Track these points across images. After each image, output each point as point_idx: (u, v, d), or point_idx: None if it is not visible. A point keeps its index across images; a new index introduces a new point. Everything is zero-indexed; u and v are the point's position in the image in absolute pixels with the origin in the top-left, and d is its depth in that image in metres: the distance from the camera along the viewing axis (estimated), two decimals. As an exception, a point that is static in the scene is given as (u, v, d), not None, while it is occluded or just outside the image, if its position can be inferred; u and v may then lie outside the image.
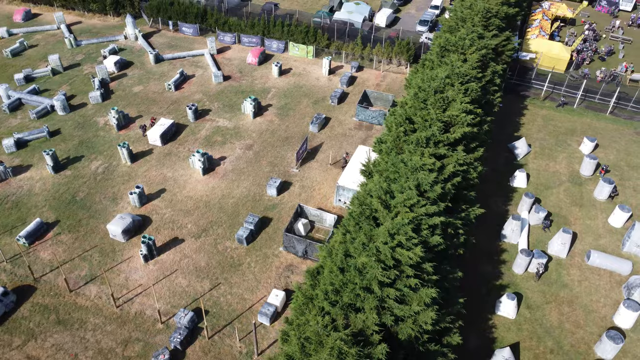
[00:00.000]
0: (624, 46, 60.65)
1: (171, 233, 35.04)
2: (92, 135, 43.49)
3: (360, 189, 28.49)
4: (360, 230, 23.17)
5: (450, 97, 30.66)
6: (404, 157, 26.86)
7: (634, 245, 33.74)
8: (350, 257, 22.12)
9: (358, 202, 25.48)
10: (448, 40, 38.54)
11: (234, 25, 57.19)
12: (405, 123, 30.69)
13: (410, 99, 32.70)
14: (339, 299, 20.66)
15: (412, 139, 28.32)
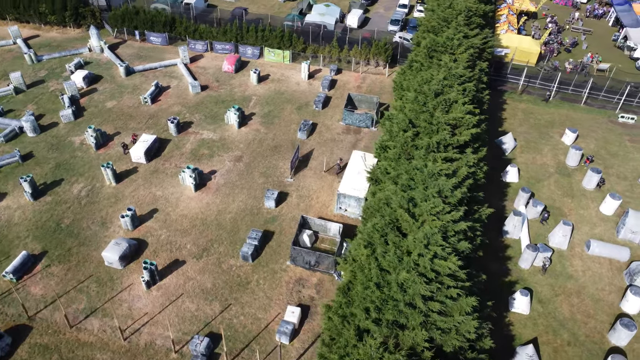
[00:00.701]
0: (586, 37, 63.01)
1: (170, 255, 33.48)
2: (69, 157, 41.03)
3: (370, 197, 28.09)
4: (390, 243, 22.71)
5: (452, 99, 30.66)
6: (417, 164, 26.60)
7: (629, 232, 34.93)
8: (385, 271, 21.62)
9: (378, 213, 25.03)
10: (435, 41, 38.66)
11: (205, 33, 55.46)
12: (409, 128, 30.47)
13: (410, 103, 32.53)
14: (381, 317, 20.12)
15: (422, 143, 28.11)
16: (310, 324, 29.60)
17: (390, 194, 25.30)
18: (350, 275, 23.55)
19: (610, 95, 50.63)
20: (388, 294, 20.29)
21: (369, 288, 21.19)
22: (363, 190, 35.33)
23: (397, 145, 29.68)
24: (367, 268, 22.16)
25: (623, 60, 59.01)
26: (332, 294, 31.22)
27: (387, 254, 21.61)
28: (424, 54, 38.70)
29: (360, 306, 20.92)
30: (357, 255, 24.46)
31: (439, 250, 20.59)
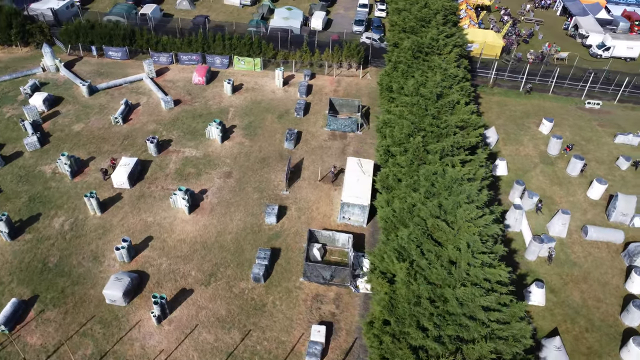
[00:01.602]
0: (539, 27, 65.62)
1: (176, 285, 31.63)
2: (42, 188, 37.91)
3: (383, 205, 27.65)
4: (426, 253, 22.35)
5: (454, 100, 30.75)
6: (434, 169, 26.40)
7: (619, 214, 36.53)
8: (433, 285, 21.24)
9: (410, 222, 24.62)
10: (419, 42, 38.72)
11: (168, 44, 52.99)
12: (415, 132, 30.27)
13: (409, 106, 32.35)
14: (441, 333, 19.72)
15: (435, 147, 27.95)
16: (337, 341, 28.83)
17: (416, 202, 24.94)
18: (386, 290, 22.98)
19: (574, 83, 52.91)
20: (443, 308, 19.93)
21: (419, 304, 20.73)
22: (366, 197, 34.86)
23: (408, 150, 29.36)
24: (413, 283, 21.68)
25: (577, 48, 61.91)
26: (353, 307, 30.61)
27: (432, 266, 21.22)
28: (409, 55, 38.66)
29: (412, 324, 20.43)
30: (390, 269, 23.94)
31: (485, 258, 20.45)
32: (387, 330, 21.98)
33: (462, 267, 20.40)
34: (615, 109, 50.78)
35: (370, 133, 45.00)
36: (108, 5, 65.25)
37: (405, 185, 27.80)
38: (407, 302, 21.44)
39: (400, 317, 21.85)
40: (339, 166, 40.33)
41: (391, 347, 21.00)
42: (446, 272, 20.70)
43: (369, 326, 22.69)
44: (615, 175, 42.02)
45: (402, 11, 47.67)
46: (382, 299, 23.35)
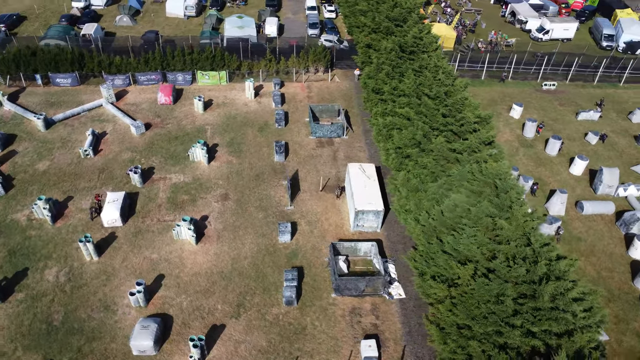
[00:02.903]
0: (480, 16, 68.67)
1: (204, 322, 29.59)
2: (21, 239, 33.95)
3: (412, 208, 27.56)
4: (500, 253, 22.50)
5: (462, 97, 31.25)
6: (471, 168, 26.66)
7: (606, 187, 39.06)
8: (511, 282, 21.37)
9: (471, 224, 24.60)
10: (400, 42, 38.95)
11: (123, 65, 49.42)
12: (430, 133, 30.41)
13: (416, 106, 32.45)
14: (535, 329, 19.89)
15: (462, 147, 28.20)
16: (388, 352, 28.37)
17: (459, 203, 25.03)
18: (455, 294, 22.89)
19: (528, 67, 55.90)
20: (530, 305, 20.13)
21: (502, 303, 20.79)
22: (379, 202, 34.59)
23: (432, 150, 29.37)
24: (489, 283, 21.69)
25: (517, 33, 65.49)
26: (392, 315, 30.27)
27: (515, 267, 21.22)
28: (393, 55, 38.78)
29: (499, 323, 20.47)
30: (446, 272, 23.87)
31: (557, 251, 20.94)
32: (465, 333, 21.88)
33: (542, 262, 20.75)
34: (569, 87, 54.28)
35: (355, 136, 44.76)
36: (38, 28, 59.72)
37: (438, 186, 27.80)
38: (484, 302, 21.45)
39: (478, 317, 21.80)
40: (334, 173, 39.73)
41: (477, 349, 20.92)
42: (524, 270, 20.94)
43: (440, 331, 22.44)
44: (588, 150, 44.91)
45: (367, 12, 47.75)
46: (448, 303, 23.21)
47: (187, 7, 63.19)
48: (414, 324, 29.94)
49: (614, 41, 62.63)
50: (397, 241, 35.19)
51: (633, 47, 61.28)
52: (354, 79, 52.95)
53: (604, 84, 55.24)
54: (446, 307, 23.05)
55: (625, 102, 52.69)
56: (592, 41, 65.38)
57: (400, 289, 31.58)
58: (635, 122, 48.82)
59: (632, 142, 46.30)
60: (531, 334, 19.77)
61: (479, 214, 23.97)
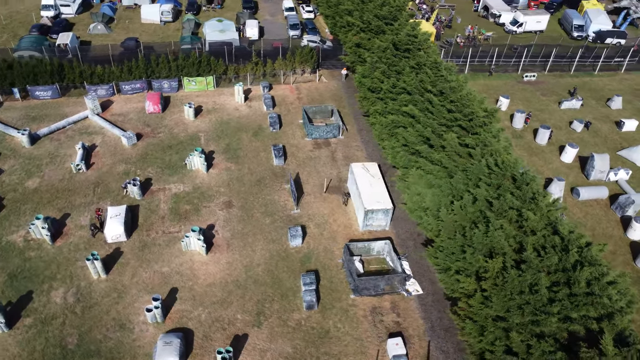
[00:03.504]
0: (455, 12, 69.96)
1: (226, 334, 29.04)
2: (20, 262, 32.45)
3: (430, 206, 27.85)
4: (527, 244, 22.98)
5: (467, 92, 31.75)
6: (487, 161, 27.12)
7: (598, 172, 40.49)
8: (544, 272, 21.86)
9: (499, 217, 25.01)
10: (395, 40, 39.25)
11: (106, 74, 47.87)
12: (440, 129, 30.78)
13: (421, 103, 32.78)
14: (575, 315, 20.42)
15: (475, 141, 28.63)
16: (414, 349, 28.57)
17: (482, 196, 25.44)
18: (487, 287, 23.24)
19: (507, 60, 57.32)
20: (569, 292, 20.65)
21: (537, 292, 21.24)
22: (387, 201, 34.79)
23: (445, 146, 29.67)
24: (522, 274, 22.07)
25: (491, 27, 67.08)
26: (412, 311, 30.50)
27: (547, 257, 21.69)
28: (388, 54, 39.04)
29: (536, 312, 20.92)
30: (470, 267, 24.24)
31: (583, 240, 21.58)
32: (501, 325, 22.27)
33: (573, 250, 21.33)
34: (548, 78, 55.98)
35: (351, 136, 44.85)
36: (8, 40, 57.15)
37: (455, 181, 28.11)
38: (518, 293, 21.88)
39: (512, 308, 22.18)
40: (335, 174, 39.71)
41: (517, 339, 21.30)
42: (556, 258, 21.46)
43: (475, 324, 22.76)
44: (574, 137, 46.45)
45: (353, 11, 47.84)
46: (479, 296, 23.56)
47: (163, 12, 61.79)
48: (435, 319, 30.27)
49: (584, 31, 64.96)
50: (407, 238, 35.49)
51: (602, 37, 63.72)
52: (341, 79, 53.03)
53: (580, 73, 57.26)
54: (478, 300, 23.39)
55: (601, 89, 54.75)
56: (563, 32, 67.60)
57: (417, 285, 31.86)
58: (615, 109, 50.81)
59: (614, 127, 48.17)
60: (570, 320, 20.32)
61: (503, 207, 24.43)
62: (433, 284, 32.31)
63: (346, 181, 39.72)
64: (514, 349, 21.25)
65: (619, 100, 50.72)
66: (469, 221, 26.67)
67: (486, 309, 22.80)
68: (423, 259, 33.96)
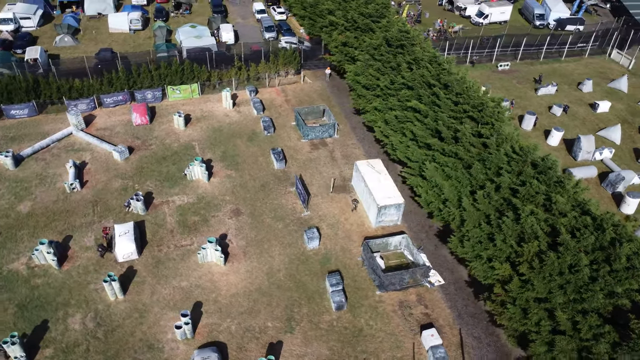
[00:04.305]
0: (421, 6, 71.50)
1: (260, 343, 28.63)
2: (27, 291, 30.73)
3: (450, 197, 28.51)
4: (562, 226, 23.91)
5: (472, 83, 32.63)
6: (507, 149, 27.97)
7: (585, 153, 42.55)
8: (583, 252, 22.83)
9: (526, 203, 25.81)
10: (387, 37, 39.76)
11: (85, 88, 45.88)
12: (451, 122, 31.50)
13: (426, 97, 33.40)
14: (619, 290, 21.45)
15: (490, 131, 29.43)
16: (447, 338, 29.14)
17: (505, 184, 26.27)
18: (526, 271, 24.03)
19: (480, 51, 59.18)
20: (610, 269, 21.68)
21: (578, 272, 22.17)
22: (398, 195, 35.28)
23: (460, 137, 30.32)
24: (560, 255, 22.93)
25: (458, 20, 69.02)
26: (439, 301, 31.11)
27: (584, 237, 22.61)
28: (383, 50, 39.51)
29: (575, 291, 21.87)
30: (508, 252, 25.02)
31: (615, 218, 22.72)
32: (543, 306, 23.11)
33: (609, 228, 22.41)
34: (520, 66, 58.24)
35: (345, 134, 45.07)
36: (-33, 57, 53.66)
37: (475, 171, 28.76)
38: (557, 274, 22.77)
39: (554, 289, 23.04)
40: (337, 173, 39.87)
41: (563, 318, 22.18)
42: (593, 238, 22.47)
43: (516, 307, 23.48)
44: (555, 121, 48.59)
45: (334, 11, 48.01)
46: (517, 280, 24.35)
47: (131, 20, 59.81)
48: (461, 307, 31.00)
49: (545, 20, 67.94)
50: (419, 230, 36.11)
51: (562, 24, 66.86)
52: (325, 79, 53.14)
53: (549, 60, 59.91)
54: (516, 285, 24.16)
55: (570, 74, 57.49)
56: (525, 21, 70.44)
57: (438, 275, 32.49)
58: (586, 92, 53.50)
59: (589, 110, 50.73)
60: (615, 295, 21.37)
61: (530, 192, 25.33)
62: (452, 273, 33.08)
63: (349, 179, 39.93)
64: (561, 327, 22.13)
65: (589, 83, 53.44)
66: (493, 209, 27.45)
67: (527, 292, 23.58)
68: (438, 250, 34.73)
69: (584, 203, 24.73)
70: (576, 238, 23.01)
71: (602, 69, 59.20)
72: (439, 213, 31.53)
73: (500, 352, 28.48)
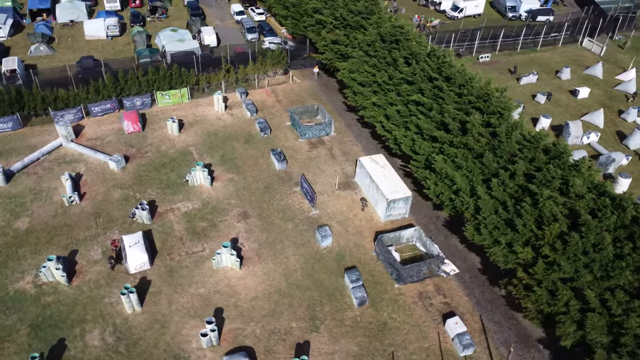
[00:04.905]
0: (397, 3, 72.40)
1: (287, 344, 28.52)
2: (39, 310, 29.60)
3: (463, 187, 29.19)
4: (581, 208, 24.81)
5: (475, 75, 33.38)
6: (517, 138, 28.77)
7: (574, 138, 44.14)
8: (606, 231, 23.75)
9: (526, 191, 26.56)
10: (381, 33, 40.18)
11: (70, 98, 44.42)
12: (461, 114, 32.15)
13: (429, 91, 33.99)
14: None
15: (498, 121, 30.20)
16: (469, 325, 29.70)
17: (520, 170, 27.06)
18: (550, 253, 24.82)
19: (460, 44, 60.46)
20: (633, 245, 22.65)
21: (603, 249, 23.08)
22: (405, 189, 35.76)
23: (470, 129, 30.95)
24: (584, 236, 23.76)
25: (434, 14, 70.27)
26: (456, 290, 31.71)
27: (606, 217, 23.51)
28: (378, 46, 39.90)
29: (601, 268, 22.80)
30: (527, 236, 25.80)
31: (633, 196, 23.78)
32: (570, 285, 23.95)
33: (629, 207, 23.41)
34: (500, 57, 59.81)
35: (341, 131, 45.26)
36: (-63, 71, 51.03)
37: (487, 160, 29.45)
38: (582, 253, 23.64)
39: (580, 269, 23.90)
40: (338, 170, 40.09)
41: (591, 295, 23.05)
42: (615, 217, 23.42)
43: (545, 290, 24.24)
44: (540, 109, 50.19)
45: (321, 9, 48.09)
46: (541, 263, 25.14)
47: (108, 26, 58.20)
48: (478, 294, 31.70)
49: (517, 11, 69.97)
50: (426, 222, 36.68)
51: (534, 15, 68.99)
52: (313, 77, 53.19)
53: (526, 50, 61.77)
54: (541, 267, 24.93)
55: (547, 63, 59.45)
56: (497, 14, 72.33)
57: (452, 264, 33.09)
58: (565, 79, 55.45)
59: (570, 96, 52.63)
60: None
61: (547, 177, 26.17)
62: (465, 262, 33.77)
63: (352, 176, 40.15)
64: (591, 305, 22.99)
65: (567, 71, 55.43)
66: (508, 196, 28.20)
67: (554, 273, 24.37)
68: (448, 240, 35.39)
69: (600, 185, 25.74)
70: (597, 218, 23.94)
71: (576, 56, 61.48)
72: (450, 203, 32.09)
73: (522, 335, 29.32)
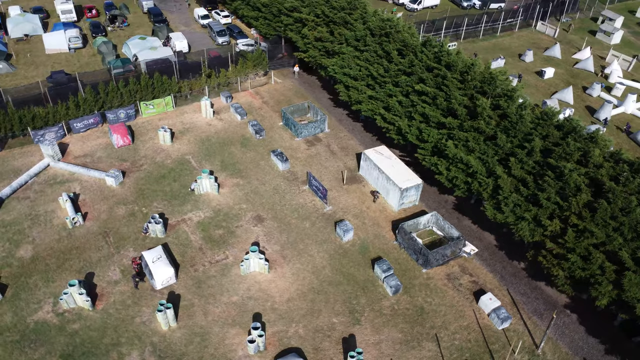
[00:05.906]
0: None
1: (333, 339, 28.66)
2: (67, 339, 28.05)
3: (479, 170, 30.52)
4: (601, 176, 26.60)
5: (474, 61, 34.77)
6: (527, 123, 30.32)
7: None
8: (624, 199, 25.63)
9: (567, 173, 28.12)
10: (373, 26, 40.88)
11: (49, 115, 42.01)
12: (469, 102, 33.41)
13: (429, 81, 35.07)
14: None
15: (511, 104, 31.57)
16: (500, 299, 31.05)
17: (537, 147, 28.64)
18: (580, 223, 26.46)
19: (425, 35, 62.37)
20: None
21: (628, 213, 24.94)
22: (415, 177, 36.73)
23: (481, 113, 32.19)
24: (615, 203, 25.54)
25: (392, 7, 72.01)
26: (479, 268, 33.03)
27: (630, 182, 25.33)
28: (369, 40, 40.56)
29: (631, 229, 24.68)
30: (551, 209, 27.41)
31: None
32: (603, 249, 25.69)
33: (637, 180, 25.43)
34: (465, 45, 62.21)
35: (335, 127, 45.62)
36: None
37: (502, 141, 30.80)
38: (610, 217, 25.44)
39: (609, 232, 25.67)
40: (340, 166, 40.51)
41: (625, 256, 24.83)
42: (638, 181, 25.30)
43: (578, 257, 25.86)
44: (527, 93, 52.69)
45: (299, 7, 48.14)
46: (571, 232, 26.78)
47: (70, 38, 55.32)
48: (500, 269, 33.17)
49: (470, 0, 72.97)
50: (437, 207, 37.84)
51: (486, 3, 72.29)
52: (293, 77, 53.16)
53: (487, 37, 64.66)
54: (572, 236, 26.55)
55: (508, 47, 62.57)
56: (452, 4, 75.11)
57: (470, 244, 34.38)
58: (528, 61, 58.61)
59: (537, 77, 55.74)
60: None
61: (567, 150, 27.82)
62: (481, 241, 35.19)
63: (355, 170, 40.66)
64: (626, 264, 24.79)
65: (530, 53, 58.62)
66: (526, 173, 29.73)
67: (586, 240, 26.04)
68: (460, 222, 36.71)
69: (615, 153, 27.70)
70: (621, 183, 25.82)
71: (533, 40, 65.06)
72: (465, 186, 33.30)
73: (549, 302, 31.05)
